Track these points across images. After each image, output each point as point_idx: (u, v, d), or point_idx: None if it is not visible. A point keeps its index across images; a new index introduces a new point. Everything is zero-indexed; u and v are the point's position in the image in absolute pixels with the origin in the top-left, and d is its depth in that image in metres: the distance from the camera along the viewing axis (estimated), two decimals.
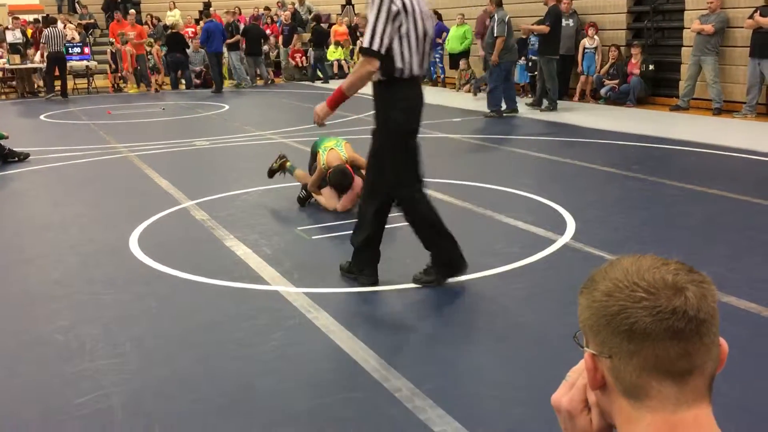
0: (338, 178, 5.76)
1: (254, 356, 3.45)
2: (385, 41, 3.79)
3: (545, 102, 11.80)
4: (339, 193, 5.87)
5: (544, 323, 3.73)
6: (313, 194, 6.02)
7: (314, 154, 6.10)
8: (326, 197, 5.94)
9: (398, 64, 3.87)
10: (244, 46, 17.68)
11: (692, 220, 5.51)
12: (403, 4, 3.82)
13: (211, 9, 20.44)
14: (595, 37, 12.78)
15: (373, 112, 4.09)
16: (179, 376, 3.25)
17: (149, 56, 17.76)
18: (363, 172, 5.98)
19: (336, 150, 5.97)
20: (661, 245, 4.88)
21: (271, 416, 2.92)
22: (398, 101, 3.95)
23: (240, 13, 20.62)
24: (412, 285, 4.25)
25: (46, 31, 15.77)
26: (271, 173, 6.51)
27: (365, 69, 3.86)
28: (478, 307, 3.95)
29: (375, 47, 3.79)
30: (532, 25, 11.80)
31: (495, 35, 10.92)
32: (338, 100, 4.03)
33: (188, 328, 3.78)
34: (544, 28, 11.35)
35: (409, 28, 3.84)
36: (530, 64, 13.32)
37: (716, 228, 5.25)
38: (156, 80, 17.80)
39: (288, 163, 6.45)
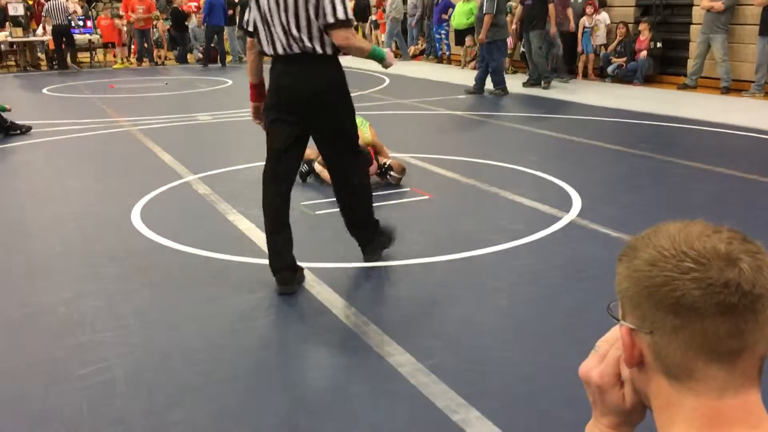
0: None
1: (256, 329, 3.43)
2: (248, 17, 3.69)
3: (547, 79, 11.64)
4: None
5: (550, 299, 3.70)
6: (320, 168, 5.95)
7: None
8: None
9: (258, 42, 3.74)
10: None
11: (700, 199, 5.46)
12: None
13: None
14: (595, 15, 12.63)
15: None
16: (181, 349, 3.23)
17: (154, 30, 17.66)
18: (380, 158, 5.94)
19: (360, 130, 5.90)
20: None
21: (271, 388, 2.90)
22: (269, 80, 3.77)
23: None
24: (416, 261, 4.23)
25: (47, 5, 15.64)
26: None
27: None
28: (483, 283, 3.92)
29: (243, 23, 3.75)
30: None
31: (483, 12, 10.78)
32: (250, 90, 3.99)
33: (190, 301, 3.75)
34: (552, 9, 11.17)
35: (252, 5, 3.65)
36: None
37: (724, 206, 5.20)
38: (158, 54, 17.68)
39: None
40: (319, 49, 3.59)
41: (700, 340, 0.80)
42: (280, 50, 3.63)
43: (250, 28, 3.70)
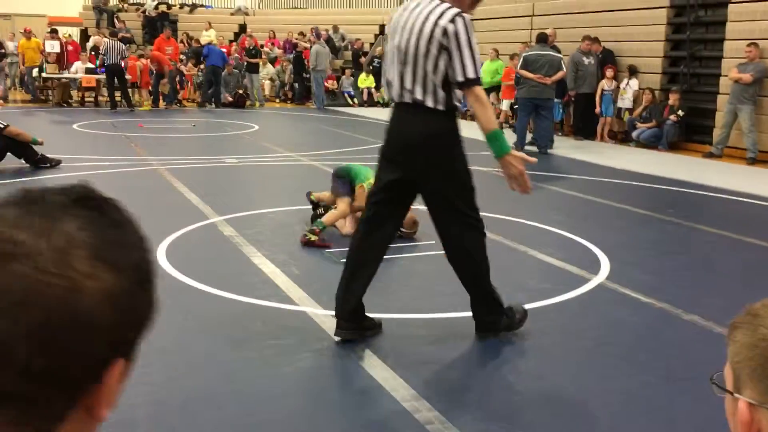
0: None
1: (281, 376, 3.37)
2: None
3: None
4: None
5: (581, 364, 3.61)
6: (332, 220, 5.77)
7: (350, 184, 5.79)
8: (348, 224, 5.79)
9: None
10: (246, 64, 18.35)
11: (730, 268, 5.37)
12: (393, 21, 3.62)
13: (247, 30, 20.76)
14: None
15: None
16: (204, 392, 3.17)
17: (199, 74, 18.16)
18: None
19: (363, 186, 5.65)
20: (700, 291, 4.76)
21: None
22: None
23: (274, 37, 20.93)
24: (442, 315, 4.16)
25: (105, 43, 15.99)
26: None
27: None
28: (511, 343, 3.84)
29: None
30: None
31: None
32: None
33: (214, 344, 3.70)
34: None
35: (386, 49, 3.64)
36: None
37: (755, 277, 5.11)
38: (187, 97, 18.00)
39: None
40: (430, 104, 3.47)
41: None
42: (395, 96, 3.58)
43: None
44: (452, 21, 3.38)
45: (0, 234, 0.63)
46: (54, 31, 18.42)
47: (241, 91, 17.87)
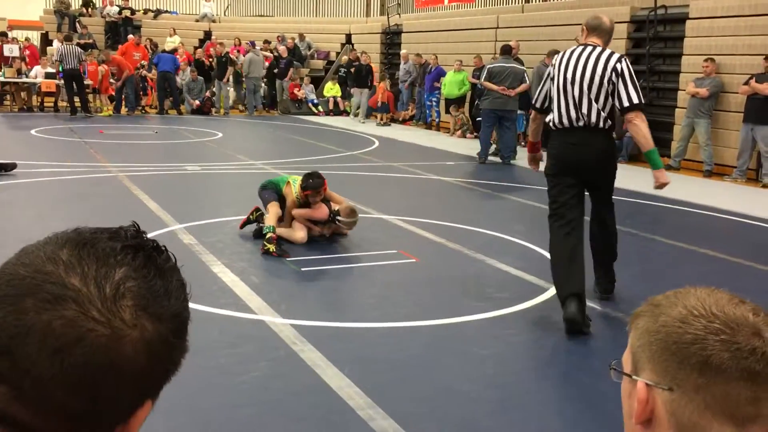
0: (312, 181, 5.79)
1: (236, 385, 3.33)
2: (542, 95, 4.58)
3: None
4: (314, 194, 5.81)
5: (537, 371, 3.65)
6: (282, 232, 5.84)
7: (277, 193, 6.00)
8: (296, 229, 5.86)
9: (548, 117, 4.56)
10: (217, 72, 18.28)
11: (685, 278, 5.44)
12: (556, 65, 4.41)
13: (213, 37, 20.63)
14: None
15: None
16: (157, 402, 3.11)
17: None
18: (332, 204, 5.93)
19: (290, 187, 6.01)
20: None
21: None
22: (549, 148, 4.54)
23: (240, 44, 20.83)
24: (402, 323, 4.16)
25: (61, 48, 15.67)
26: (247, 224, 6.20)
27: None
28: (470, 351, 3.86)
29: (534, 101, 4.71)
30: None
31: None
32: (530, 144, 5.03)
33: None
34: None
35: (552, 87, 4.45)
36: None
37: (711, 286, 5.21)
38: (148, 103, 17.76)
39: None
40: (594, 123, 4.30)
41: (720, 401, 0.81)
42: (566, 122, 4.36)
43: (538, 105, 4.64)
44: (619, 62, 4.28)
45: (52, 275, 0.67)
46: (6, 35, 18.07)
47: (208, 94, 17.77)
